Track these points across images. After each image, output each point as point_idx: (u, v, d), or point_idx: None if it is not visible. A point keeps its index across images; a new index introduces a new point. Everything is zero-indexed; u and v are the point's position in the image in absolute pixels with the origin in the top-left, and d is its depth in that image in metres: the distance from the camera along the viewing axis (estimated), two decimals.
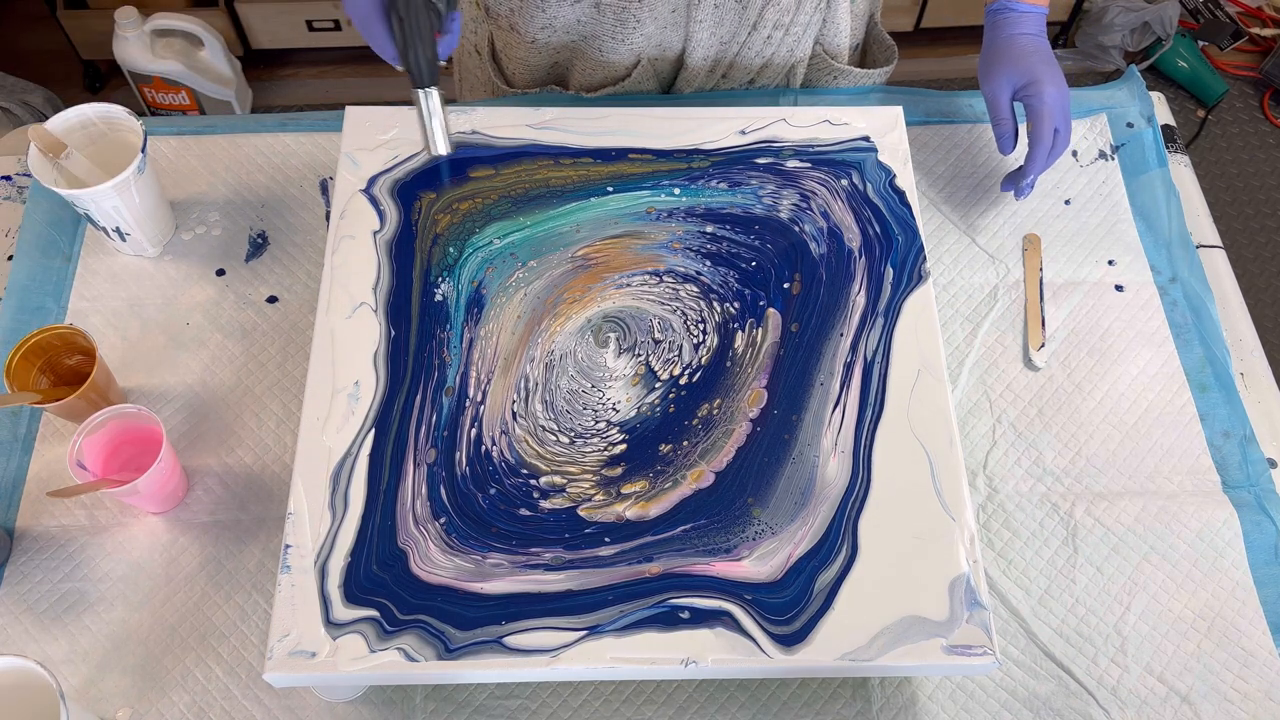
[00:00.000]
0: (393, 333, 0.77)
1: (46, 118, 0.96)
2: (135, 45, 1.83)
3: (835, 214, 0.84)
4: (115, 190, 0.83)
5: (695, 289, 0.80)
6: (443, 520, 0.70)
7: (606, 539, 0.70)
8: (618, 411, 0.75)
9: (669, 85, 0.99)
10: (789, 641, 0.67)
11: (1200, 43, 2.17)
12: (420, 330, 0.77)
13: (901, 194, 0.84)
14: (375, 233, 0.81)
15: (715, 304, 0.79)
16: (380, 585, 0.68)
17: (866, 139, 0.87)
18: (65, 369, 0.83)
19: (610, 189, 0.84)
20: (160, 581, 0.78)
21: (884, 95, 1.02)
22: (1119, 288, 0.93)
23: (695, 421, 0.75)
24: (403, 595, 0.67)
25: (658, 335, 0.78)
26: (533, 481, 0.72)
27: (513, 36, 0.94)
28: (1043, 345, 0.89)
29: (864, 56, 1.04)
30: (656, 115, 0.87)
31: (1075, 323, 0.91)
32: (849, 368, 0.76)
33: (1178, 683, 0.77)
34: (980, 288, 0.93)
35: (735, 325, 0.79)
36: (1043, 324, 0.90)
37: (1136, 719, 0.75)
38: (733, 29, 0.90)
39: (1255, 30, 2.19)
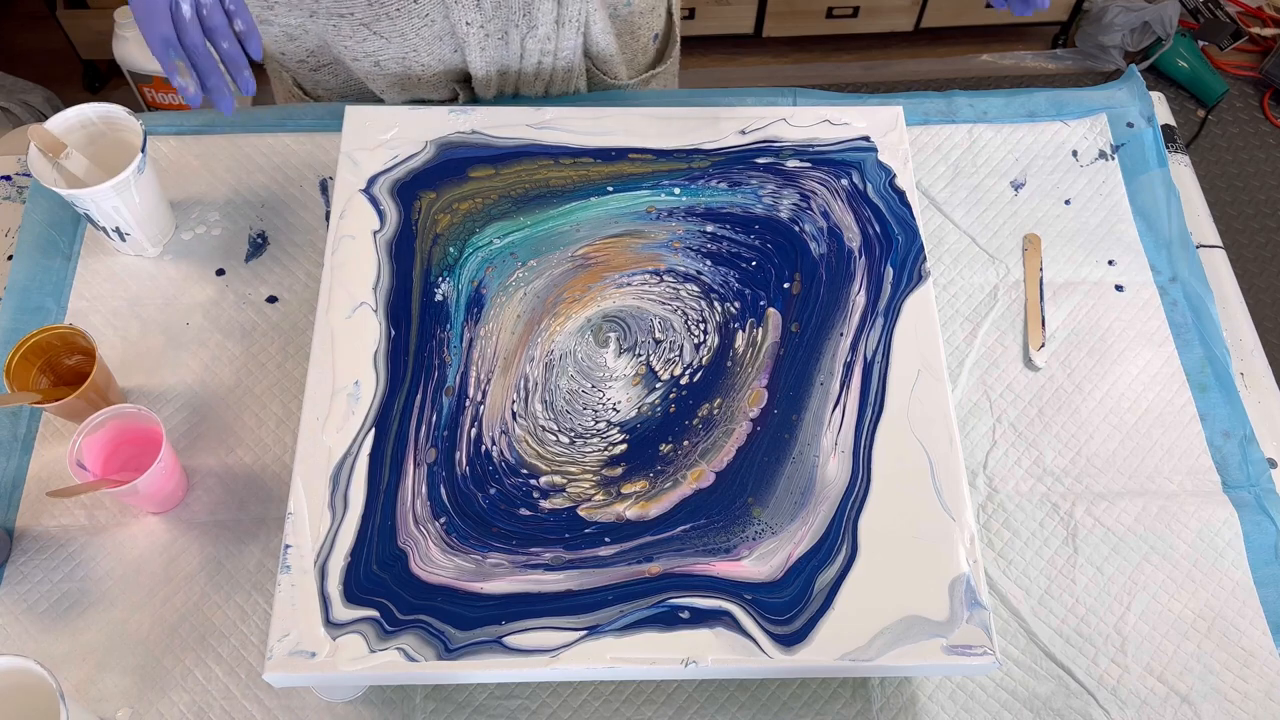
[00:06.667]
0: (393, 333, 0.77)
1: (46, 118, 0.96)
2: (135, 45, 1.83)
3: (835, 214, 0.84)
4: (115, 190, 0.83)
5: (695, 288, 0.80)
6: (443, 520, 0.70)
7: (606, 539, 0.70)
8: (618, 411, 0.75)
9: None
10: (789, 641, 0.67)
11: (1200, 43, 2.17)
12: (420, 330, 0.77)
13: (901, 194, 0.84)
14: (375, 232, 0.81)
15: (716, 304, 0.79)
16: (380, 585, 0.68)
17: (866, 139, 0.87)
18: (65, 369, 0.83)
19: (610, 189, 0.84)
20: (160, 581, 0.78)
21: (884, 95, 1.02)
22: (1119, 288, 0.93)
23: (695, 421, 0.75)
24: (403, 595, 0.67)
25: (658, 335, 0.78)
26: (533, 481, 0.72)
27: (320, 74, 0.96)
28: (1043, 345, 0.89)
29: (667, 43, 1.05)
30: (656, 115, 0.87)
31: (1075, 323, 0.91)
32: (849, 367, 0.76)
33: (1178, 683, 0.77)
34: (980, 288, 0.93)
35: (736, 325, 0.79)
36: (1043, 324, 0.90)
37: (1136, 719, 0.75)
38: (501, 60, 0.91)
39: (1255, 30, 2.19)
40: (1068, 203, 0.97)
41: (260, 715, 0.74)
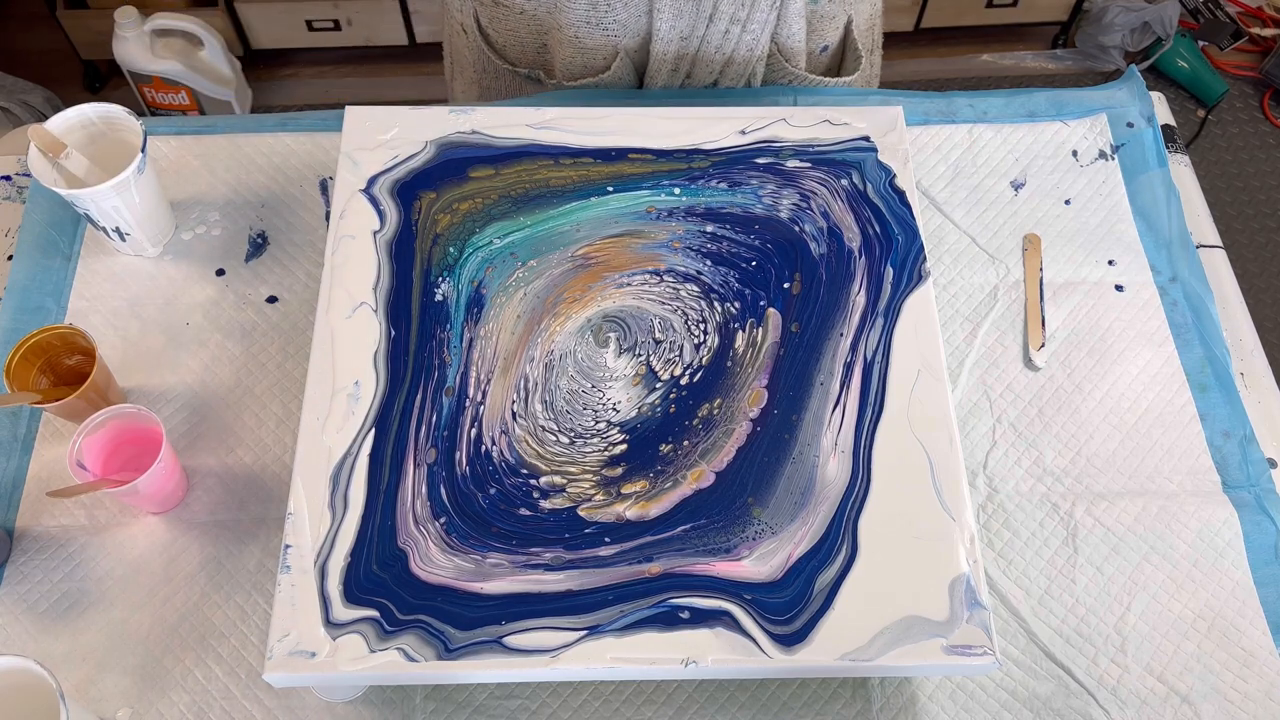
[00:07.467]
0: (393, 333, 0.77)
1: (46, 118, 0.96)
2: (135, 45, 1.84)
3: (835, 214, 0.84)
4: (115, 190, 0.83)
5: (695, 288, 0.80)
6: (443, 520, 0.70)
7: (606, 539, 0.70)
8: (618, 411, 0.75)
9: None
10: (789, 641, 0.67)
11: (1200, 43, 2.17)
12: (420, 330, 0.77)
13: (901, 194, 0.84)
14: (375, 233, 0.81)
15: (716, 304, 0.79)
16: (380, 585, 0.68)
17: (866, 139, 0.87)
18: (65, 369, 0.83)
19: (610, 189, 0.84)
20: (160, 581, 0.78)
21: (884, 95, 1.02)
22: (1119, 288, 0.93)
23: (695, 421, 0.75)
24: (402, 595, 0.67)
25: (658, 335, 0.78)
26: (533, 481, 0.72)
27: (498, 10, 0.94)
28: (1043, 345, 0.89)
29: (842, 63, 1.03)
30: (656, 115, 0.87)
31: (1075, 323, 0.91)
32: (849, 368, 0.76)
33: (1178, 683, 0.77)
34: (980, 288, 0.93)
35: (736, 325, 0.79)
36: (1043, 324, 0.90)
37: (1136, 719, 0.75)
38: (691, 20, 0.90)
39: (1255, 30, 2.19)
40: (1068, 203, 0.97)
41: (260, 715, 0.74)
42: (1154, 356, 0.90)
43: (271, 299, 0.90)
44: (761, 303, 0.79)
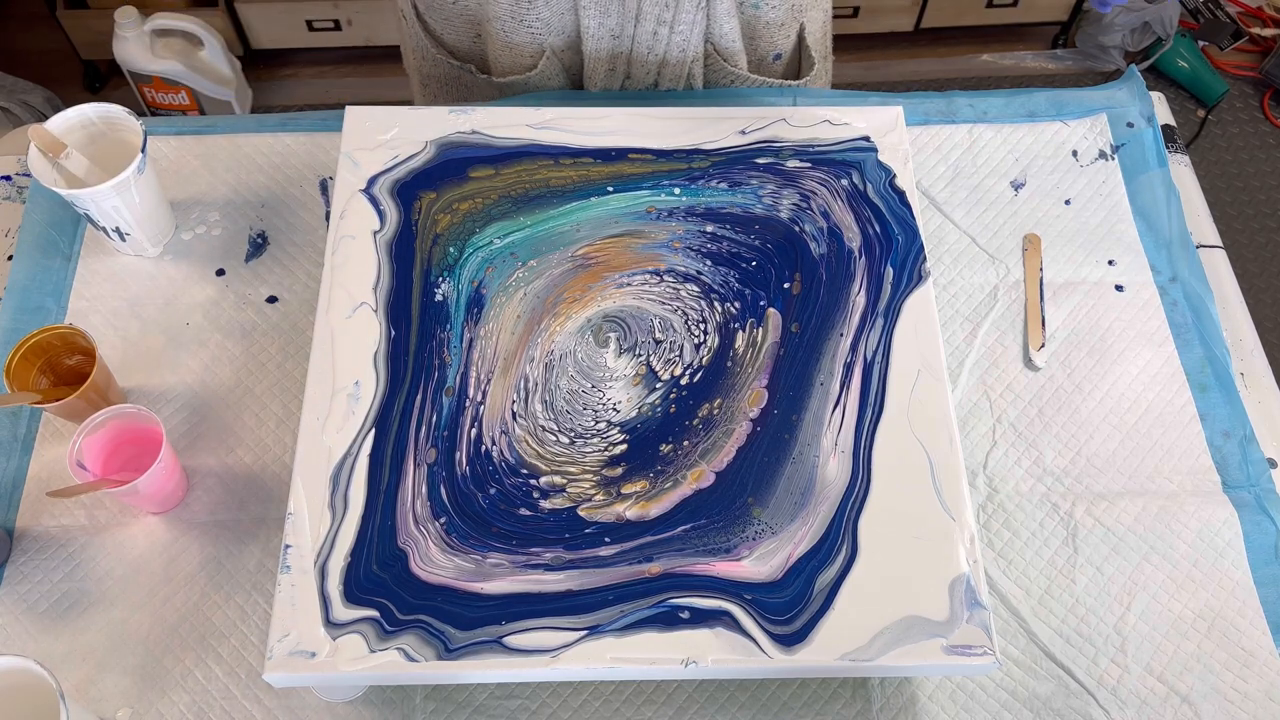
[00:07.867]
0: (393, 333, 0.77)
1: (46, 118, 0.96)
2: (135, 45, 1.83)
3: (835, 214, 0.84)
4: (115, 190, 0.83)
5: (696, 288, 0.80)
6: (443, 520, 0.70)
7: (606, 539, 0.70)
8: (618, 411, 0.75)
9: (580, 82, 0.99)
10: (789, 641, 0.67)
11: (1200, 43, 2.17)
12: (420, 330, 0.77)
13: (901, 194, 0.84)
14: (375, 233, 0.81)
15: (716, 304, 0.79)
16: (380, 585, 0.68)
17: (866, 139, 0.87)
18: (65, 369, 0.83)
19: (610, 189, 0.84)
20: (160, 581, 0.78)
21: (884, 96, 1.02)
22: (1119, 288, 0.93)
23: (696, 421, 0.75)
24: (403, 595, 0.67)
25: (658, 335, 0.78)
26: (533, 481, 0.72)
27: (440, 2, 0.95)
28: (1043, 345, 0.89)
29: (799, 72, 1.02)
30: (657, 115, 0.87)
31: (1075, 323, 0.91)
32: (849, 368, 0.76)
33: (1178, 683, 0.77)
34: (980, 288, 0.93)
35: (736, 325, 0.79)
36: (1043, 324, 0.90)
37: (1136, 719, 0.75)
38: (619, 19, 0.90)
39: (1255, 30, 2.19)
40: (1068, 203, 0.97)
41: (260, 715, 0.74)
42: (1154, 356, 0.90)
43: (271, 299, 0.90)
44: (761, 303, 0.79)
